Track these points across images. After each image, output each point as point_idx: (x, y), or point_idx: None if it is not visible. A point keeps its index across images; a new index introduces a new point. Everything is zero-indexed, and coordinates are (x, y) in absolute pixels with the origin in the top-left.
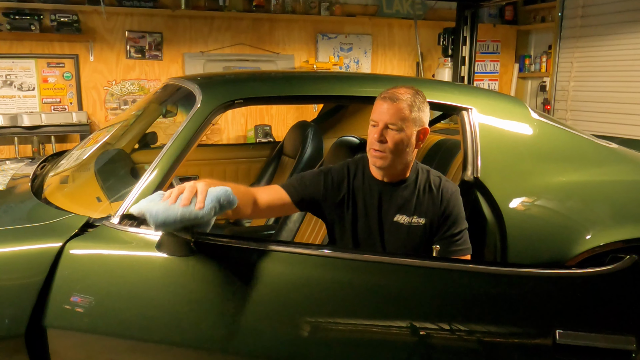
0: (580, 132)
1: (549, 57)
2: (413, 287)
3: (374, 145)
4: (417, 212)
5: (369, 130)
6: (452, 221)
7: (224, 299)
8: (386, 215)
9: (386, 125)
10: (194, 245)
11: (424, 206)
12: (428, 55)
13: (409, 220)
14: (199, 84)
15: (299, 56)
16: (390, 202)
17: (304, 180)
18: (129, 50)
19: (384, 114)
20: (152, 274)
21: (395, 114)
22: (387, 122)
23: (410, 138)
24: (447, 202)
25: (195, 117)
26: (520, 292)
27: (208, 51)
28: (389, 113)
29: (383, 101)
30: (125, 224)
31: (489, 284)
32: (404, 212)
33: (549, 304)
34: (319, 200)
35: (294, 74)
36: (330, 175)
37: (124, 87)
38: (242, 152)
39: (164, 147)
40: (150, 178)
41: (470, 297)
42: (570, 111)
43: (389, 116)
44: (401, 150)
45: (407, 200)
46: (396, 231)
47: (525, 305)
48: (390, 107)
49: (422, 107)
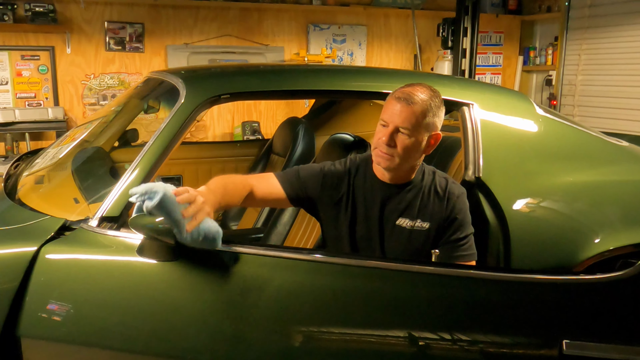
0: (588, 129)
1: (555, 49)
2: (411, 294)
3: (381, 147)
4: (421, 216)
5: (377, 128)
6: (458, 225)
7: (209, 307)
8: (388, 218)
9: (397, 129)
10: (176, 249)
11: (428, 209)
12: (426, 48)
13: (412, 224)
14: (182, 78)
15: (290, 48)
16: (393, 204)
17: (301, 175)
18: (109, 42)
19: (396, 116)
20: (133, 279)
21: (408, 117)
22: (398, 125)
23: (421, 143)
24: (453, 205)
25: (178, 113)
26: (524, 299)
27: (192, 43)
28: (402, 116)
29: (397, 101)
30: (105, 227)
31: (491, 290)
32: (407, 216)
33: (555, 313)
34: (315, 199)
35: (284, 67)
36: (329, 173)
37: (103, 81)
38: (228, 150)
39: (146, 145)
40: (130, 178)
41: (472, 304)
42: (577, 107)
43: (402, 119)
44: (409, 155)
45: (411, 203)
46: (398, 235)
47: (530, 314)
48: (404, 110)
49: (437, 112)
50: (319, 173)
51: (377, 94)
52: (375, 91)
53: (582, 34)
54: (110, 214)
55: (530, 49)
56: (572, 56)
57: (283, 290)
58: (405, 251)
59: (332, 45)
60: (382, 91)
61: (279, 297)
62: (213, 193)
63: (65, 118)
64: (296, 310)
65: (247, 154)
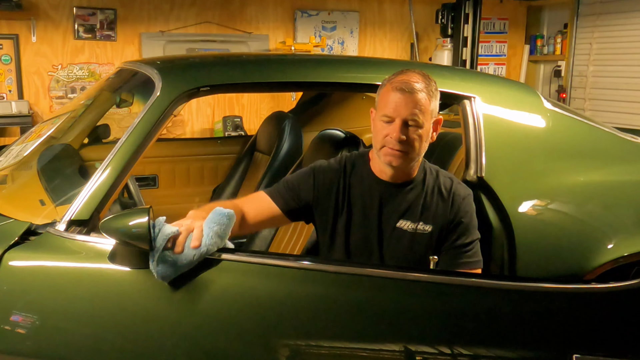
0: (600, 125)
1: (564, 37)
2: (408, 305)
3: (392, 144)
4: (423, 218)
5: (379, 126)
6: (463, 229)
7: (187, 318)
8: (388, 220)
9: (405, 121)
10: None
11: (431, 211)
12: (424, 36)
13: (413, 226)
14: (158, 69)
15: (275, 36)
16: (394, 205)
17: (289, 183)
18: (78, 29)
19: (402, 108)
20: (105, 288)
21: (415, 107)
22: (406, 117)
23: (429, 132)
24: (458, 207)
25: (154, 107)
26: (531, 310)
27: (169, 31)
28: (409, 107)
29: (398, 92)
30: (73, 231)
31: (495, 301)
32: (408, 217)
33: (564, 324)
34: (311, 203)
35: (269, 57)
36: (321, 170)
37: (72, 72)
38: (208, 147)
39: (118, 142)
40: (101, 178)
41: (474, 316)
42: (589, 100)
43: (409, 110)
44: (422, 147)
45: (412, 203)
46: (398, 239)
47: (538, 326)
48: (409, 100)
49: (436, 94)
50: (309, 173)
51: (370, 86)
52: (368, 83)
53: (594, 21)
54: (80, 217)
55: (537, 37)
56: (583, 45)
57: (268, 300)
58: (405, 256)
59: (321, 33)
60: (376, 83)
61: (263, 307)
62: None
63: (31, 112)
64: (282, 322)
65: (228, 151)
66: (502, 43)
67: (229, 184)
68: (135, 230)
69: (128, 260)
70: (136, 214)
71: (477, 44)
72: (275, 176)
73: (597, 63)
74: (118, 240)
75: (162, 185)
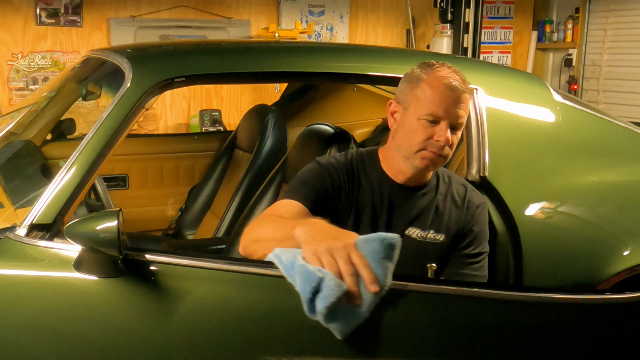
0: (615, 119)
1: (575, 22)
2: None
3: (435, 148)
4: (434, 226)
5: (419, 126)
6: (473, 239)
7: (160, 332)
8: (396, 226)
9: (452, 124)
10: (122, 263)
11: (444, 220)
12: (421, 21)
13: (423, 235)
14: (128, 58)
15: (257, 22)
16: (404, 209)
17: (306, 181)
18: (40, 14)
19: (452, 108)
20: (70, 299)
21: (466, 109)
22: (454, 118)
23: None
24: (472, 217)
25: (123, 99)
26: (539, 323)
27: (140, 16)
28: (462, 107)
29: (448, 90)
30: (35, 237)
31: (499, 312)
32: (418, 225)
33: (575, 338)
34: (329, 199)
35: (250, 44)
36: (330, 166)
37: (33, 61)
38: (183, 144)
39: (84, 138)
40: (66, 178)
41: (476, 329)
42: (602, 92)
43: (460, 112)
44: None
45: (423, 210)
46: (405, 247)
47: (546, 340)
48: (458, 99)
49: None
50: (324, 171)
51: (361, 76)
52: (360, 74)
53: (609, 4)
54: (42, 221)
55: (546, 22)
56: (596, 31)
57: (250, 312)
58: (411, 266)
59: (308, 19)
60: (368, 73)
61: (244, 320)
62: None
63: None
64: (266, 337)
65: (205, 148)
66: (508, 29)
67: (206, 184)
68: (104, 236)
69: (95, 269)
70: (104, 218)
71: (479, 30)
72: (258, 176)
73: (612, 51)
74: (84, 247)
75: (132, 185)
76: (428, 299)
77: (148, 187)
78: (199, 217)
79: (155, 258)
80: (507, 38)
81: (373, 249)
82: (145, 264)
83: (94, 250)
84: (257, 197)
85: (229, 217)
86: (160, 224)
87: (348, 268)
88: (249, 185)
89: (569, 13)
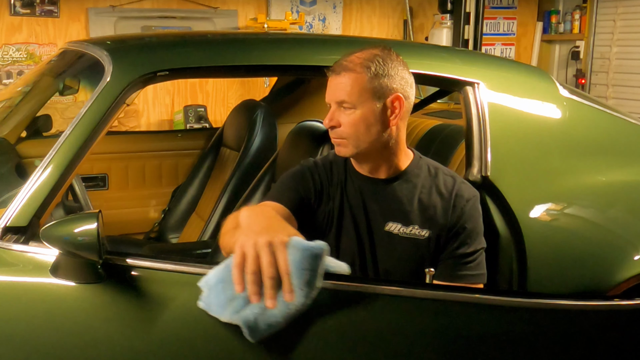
0: (625, 115)
1: (583, 13)
2: (399, 324)
3: (330, 133)
4: (418, 221)
5: None
6: (466, 237)
7: (142, 341)
8: (375, 222)
9: (338, 105)
10: (102, 268)
11: (428, 214)
12: (419, 11)
13: (405, 230)
14: (108, 50)
15: (245, 12)
16: (378, 204)
17: (289, 184)
18: (14, 3)
19: (332, 92)
20: (46, 306)
21: (345, 88)
22: (337, 100)
23: (375, 114)
24: (461, 211)
25: (103, 94)
26: (545, 331)
27: (121, 5)
28: (338, 89)
29: (330, 75)
30: (9, 240)
31: (503, 320)
32: (398, 219)
33: (583, 347)
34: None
35: (238, 36)
36: (316, 171)
37: (7, 54)
38: (167, 142)
39: (62, 135)
40: (42, 178)
41: (477, 337)
42: (612, 87)
43: (337, 93)
44: (360, 131)
45: (402, 203)
46: (389, 244)
47: (552, 348)
48: (339, 81)
49: (386, 70)
50: (306, 173)
51: None
52: None
53: None
54: (17, 224)
55: (551, 13)
56: (605, 22)
57: None
58: (402, 266)
59: (299, 9)
60: None
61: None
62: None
63: None
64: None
65: (190, 146)
66: (511, 20)
67: (191, 184)
68: (82, 239)
69: (73, 274)
70: (83, 220)
71: (481, 21)
72: (245, 175)
73: (622, 43)
74: (62, 251)
75: (112, 186)
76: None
77: (129, 188)
78: (183, 219)
79: (137, 263)
80: (511, 29)
81: (294, 258)
82: (126, 269)
83: (71, 255)
84: (245, 198)
85: (214, 219)
86: (142, 227)
87: (269, 271)
88: (236, 186)
89: (576, 3)
